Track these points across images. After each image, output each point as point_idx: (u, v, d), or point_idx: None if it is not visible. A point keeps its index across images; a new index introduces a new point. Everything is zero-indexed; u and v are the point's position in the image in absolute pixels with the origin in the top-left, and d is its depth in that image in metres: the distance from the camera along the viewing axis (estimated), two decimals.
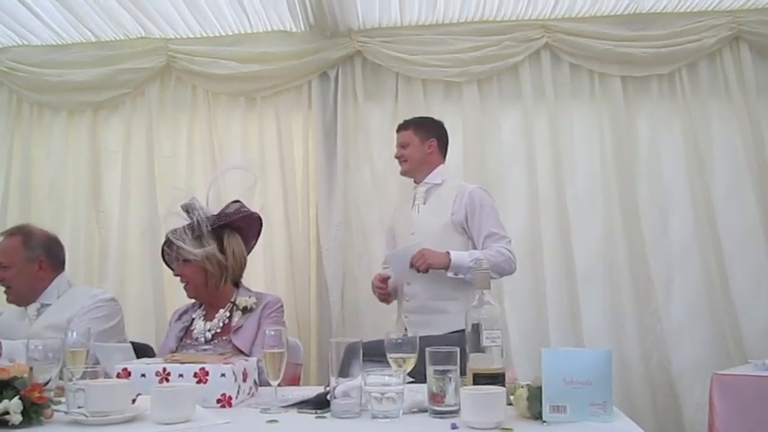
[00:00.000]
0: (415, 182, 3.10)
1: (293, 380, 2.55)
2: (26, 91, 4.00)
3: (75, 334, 1.97)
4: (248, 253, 2.61)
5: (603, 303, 3.66)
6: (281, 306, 2.49)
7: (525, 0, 3.61)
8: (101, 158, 3.99)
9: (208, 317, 2.45)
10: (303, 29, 3.83)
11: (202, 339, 2.38)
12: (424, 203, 3.02)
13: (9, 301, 2.73)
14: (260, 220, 2.60)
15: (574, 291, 3.60)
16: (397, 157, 3.11)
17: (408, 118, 3.19)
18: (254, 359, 2.04)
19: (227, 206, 2.49)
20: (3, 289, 2.73)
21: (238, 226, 2.52)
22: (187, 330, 2.45)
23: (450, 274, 2.79)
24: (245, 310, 2.42)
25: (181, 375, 1.80)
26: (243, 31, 3.89)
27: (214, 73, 3.86)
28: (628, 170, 3.69)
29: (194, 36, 3.93)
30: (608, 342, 3.57)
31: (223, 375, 1.80)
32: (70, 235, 3.79)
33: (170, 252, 2.48)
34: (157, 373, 1.81)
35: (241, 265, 2.51)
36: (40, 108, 4.05)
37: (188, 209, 2.42)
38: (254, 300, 2.45)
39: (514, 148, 3.78)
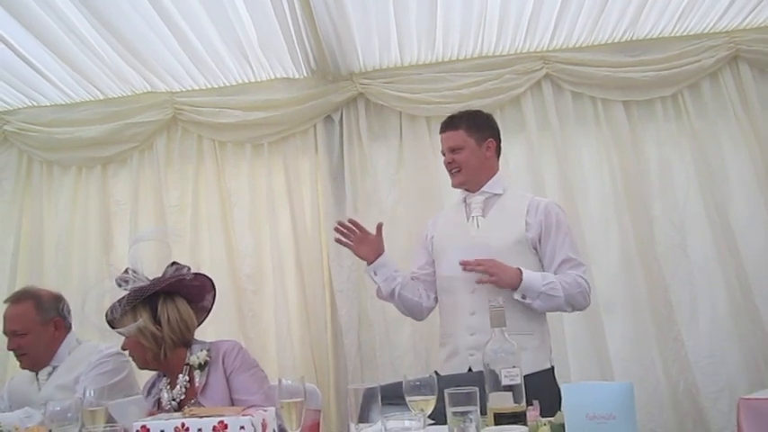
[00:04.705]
0: (466, 189, 2.67)
1: (313, 427, 2.51)
2: (36, 150, 4.07)
3: (92, 392, 1.96)
4: (210, 308, 2.50)
5: (627, 331, 3.61)
6: (241, 347, 2.36)
7: (523, 33, 3.65)
8: (110, 212, 4.03)
9: (171, 384, 2.34)
10: (305, 74, 3.90)
11: (171, 409, 2.26)
12: (484, 216, 2.59)
13: (23, 367, 2.70)
14: (202, 278, 2.43)
15: (597, 320, 3.53)
16: (447, 164, 2.64)
17: (454, 113, 2.71)
18: (272, 409, 2.01)
19: (165, 270, 2.37)
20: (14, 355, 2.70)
21: (183, 286, 2.39)
22: (159, 404, 2.34)
23: (517, 296, 2.39)
24: (202, 367, 2.29)
25: (200, 430, 1.78)
26: (246, 81, 3.95)
27: (220, 122, 3.91)
28: (640, 194, 3.67)
29: (199, 88, 3.99)
30: (635, 371, 3.51)
31: (242, 428, 1.77)
32: (81, 290, 3.80)
33: None
34: (176, 429, 1.79)
35: (181, 331, 2.33)
36: (49, 166, 4.11)
37: (119, 283, 2.32)
38: (205, 353, 2.31)
39: (522, 178, 3.76)
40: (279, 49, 3.59)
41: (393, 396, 1.78)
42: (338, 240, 2.67)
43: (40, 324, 2.68)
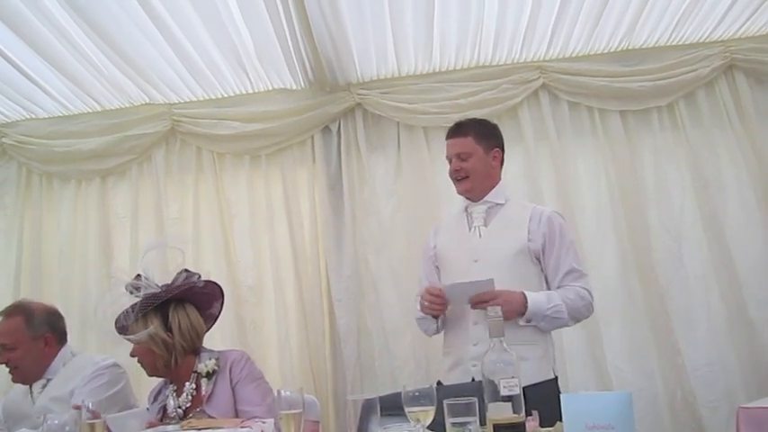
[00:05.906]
0: (468, 198, 2.67)
1: None
2: (35, 163, 4.07)
3: (90, 405, 1.95)
4: (217, 315, 2.52)
5: (624, 340, 3.60)
6: (248, 358, 2.38)
7: (519, 43, 3.67)
8: (111, 224, 4.03)
9: (178, 392, 2.35)
10: (303, 86, 3.91)
11: (176, 416, 2.27)
12: (486, 226, 2.57)
13: (15, 381, 2.69)
14: (212, 285, 2.46)
15: (596, 330, 3.53)
16: (454, 171, 2.63)
17: (462, 120, 2.73)
18: (270, 420, 2.01)
19: (176, 278, 2.38)
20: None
21: (192, 293, 2.41)
22: (164, 411, 2.34)
23: (522, 322, 2.39)
24: (210, 375, 2.31)
25: None
26: (244, 92, 3.96)
27: (218, 134, 3.92)
28: (636, 203, 3.68)
29: (197, 99, 4.00)
30: (633, 380, 3.52)
31: None
32: (82, 302, 3.81)
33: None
34: None
35: (191, 338, 2.36)
36: (49, 179, 4.11)
37: (131, 290, 2.34)
38: (214, 361, 2.33)
39: (520, 188, 3.74)
40: (276, 60, 3.61)
41: (392, 407, 1.77)
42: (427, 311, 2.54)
43: (31, 339, 2.66)
